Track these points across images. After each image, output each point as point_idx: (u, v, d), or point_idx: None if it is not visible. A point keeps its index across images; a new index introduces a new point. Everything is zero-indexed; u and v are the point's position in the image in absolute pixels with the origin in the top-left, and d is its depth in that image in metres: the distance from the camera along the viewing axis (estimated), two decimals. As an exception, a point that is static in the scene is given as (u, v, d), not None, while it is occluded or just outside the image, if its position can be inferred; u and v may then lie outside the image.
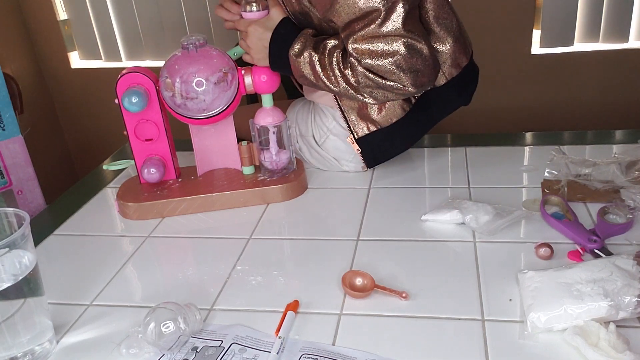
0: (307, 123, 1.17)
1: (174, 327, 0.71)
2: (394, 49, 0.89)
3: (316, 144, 1.16)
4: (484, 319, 0.74)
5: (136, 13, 2.24)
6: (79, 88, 2.43)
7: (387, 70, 0.91)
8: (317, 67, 0.97)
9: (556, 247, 0.85)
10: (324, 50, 0.97)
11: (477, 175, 1.11)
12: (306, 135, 1.17)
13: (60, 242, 1.03)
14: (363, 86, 0.94)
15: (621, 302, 0.69)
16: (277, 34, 1.00)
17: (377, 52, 0.90)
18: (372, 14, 0.88)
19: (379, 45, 0.90)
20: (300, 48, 0.98)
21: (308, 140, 1.17)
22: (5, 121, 1.21)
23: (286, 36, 1.00)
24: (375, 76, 0.92)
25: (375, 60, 0.90)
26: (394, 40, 0.89)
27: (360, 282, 0.82)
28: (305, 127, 1.18)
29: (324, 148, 1.15)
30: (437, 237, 0.93)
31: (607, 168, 1.04)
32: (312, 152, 1.18)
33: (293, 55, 0.98)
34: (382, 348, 0.70)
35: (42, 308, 0.74)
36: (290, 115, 1.21)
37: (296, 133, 1.19)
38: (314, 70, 0.97)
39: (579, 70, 2.06)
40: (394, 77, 0.91)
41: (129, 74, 1.04)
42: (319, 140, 1.15)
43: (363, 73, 0.92)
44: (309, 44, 0.98)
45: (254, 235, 0.99)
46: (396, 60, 0.90)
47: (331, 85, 0.97)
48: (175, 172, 1.14)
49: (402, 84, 0.92)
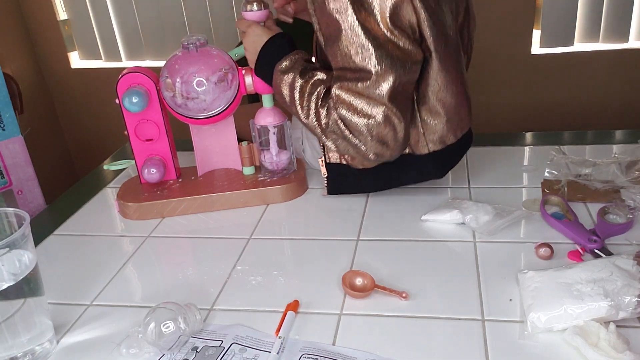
0: None
1: (174, 327, 0.71)
2: (371, 113, 0.89)
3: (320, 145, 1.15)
4: (484, 319, 0.74)
5: (136, 13, 2.24)
6: (79, 88, 2.43)
7: (358, 129, 0.90)
8: (296, 92, 0.95)
9: (556, 247, 0.85)
10: (310, 79, 0.95)
11: (477, 175, 1.11)
12: (313, 137, 1.17)
13: (60, 242, 1.03)
14: (330, 131, 0.93)
15: (621, 302, 0.69)
16: (271, 43, 0.99)
17: (356, 109, 0.89)
18: (365, 73, 0.87)
19: (359, 103, 0.89)
20: (287, 66, 0.97)
21: (313, 143, 1.17)
22: (5, 121, 1.21)
23: (279, 48, 0.99)
24: (345, 128, 0.91)
25: (351, 115, 0.90)
26: (376, 105, 0.88)
27: (360, 282, 0.82)
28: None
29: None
30: (437, 237, 0.93)
31: (607, 168, 1.04)
32: (314, 155, 1.17)
33: (279, 71, 0.97)
34: (382, 348, 0.70)
35: (42, 308, 0.74)
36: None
37: (302, 135, 1.19)
38: (292, 93, 0.96)
39: (579, 70, 2.06)
40: (361, 138, 0.91)
41: (130, 74, 1.04)
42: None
43: (335, 120, 0.92)
44: (297, 67, 0.96)
45: (254, 235, 0.99)
46: (369, 124, 0.89)
47: (302, 114, 0.96)
48: (176, 172, 1.14)
49: (365, 147, 0.92)
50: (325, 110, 0.93)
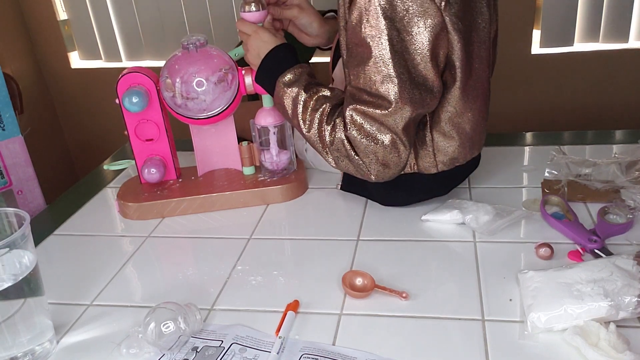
0: None
1: (174, 327, 0.71)
2: (380, 138, 0.89)
3: None
4: (484, 319, 0.74)
5: (136, 13, 2.24)
6: (79, 88, 2.43)
7: (364, 151, 0.91)
8: (299, 106, 0.96)
9: (556, 247, 0.85)
10: (314, 94, 0.96)
11: (477, 175, 1.11)
12: None
13: (60, 242, 1.03)
14: (334, 149, 0.94)
15: (621, 302, 0.69)
16: (276, 52, 0.99)
17: (367, 132, 0.90)
18: (384, 101, 0.88)
19: (371, 127, 0.89)
20: (291, 79, 0.97)
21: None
22: (5, 121, 1.21)
23: (283, 60, 0.99)
24: (350, 148, 0.92)
25: (360, 137, 0.90)
26: (387, 132, 0.89)
27: (360, 282, 0.82)
28: None
29: None
30: (437, 237, 0.93)
31: (607, 168, 1.04)
32: (316, 155, 1.17)
33: (281, 83, 0.97)
34: (382, 348, 0.70)
35: (42, 308, 0.74)
36: None
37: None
38: (294, 107, 0.96)
39: (579, 70, 2.06)
40: (366, 160, 0.91)
41: (130, 74, 1.04)
42: None
43: (341, 139, 0.92)
44: (301, 81, 0.97)
45: (254, 235, 0.99)
46: (377, 148, 0.90)
47: (304, 127, 0.96)
48: (176, 172, 1.14)
49: (367, 169, 0.93)
50: (330, 128, 0.93)
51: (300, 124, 0.96)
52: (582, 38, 2.02)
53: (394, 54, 0.85)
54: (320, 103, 0.95)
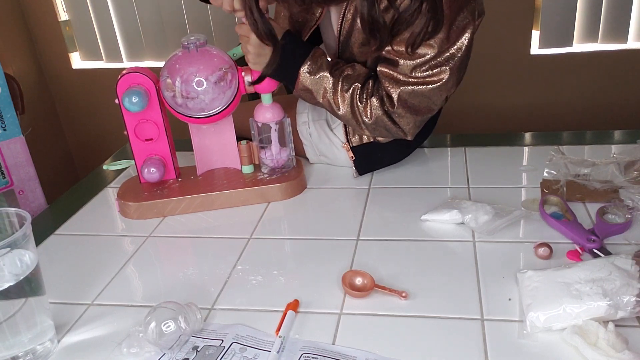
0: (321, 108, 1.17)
1: (175, 327, 0.72)
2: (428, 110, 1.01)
3: (329, 127, 1.16)
4: (483, 319, 0.74)
5: (137, 13, 2.24)
6: (80, 88, 2.44)
7: (406, 121, 1.02)
8: (329, 90, 1.02)
9: (555, 246, 0.85)
10: (339, 75, 1.02)
11: (477, 175, 1.12)
12: (319, 119, 1.17)
13: (61, 241, 1.03)
14: (371, 123, 1.02)
15: (620, 302, 0.69)
16: (285, 46, 1.00)
17: (413, 108, 1.00)
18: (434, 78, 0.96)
19: (420, 103, 0.99)
20: (314, 67, 1.02)
21: (321, 124, 1.17)
22: (7, 121, 1.22)
23: (294, 50, 1.02)
24: (390, 121, 1.01)
25: (405, 111, 0.99)
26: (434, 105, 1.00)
27: (360, 282, 0.82)
28: (318, 111, 1.18)
29: (337, 132, 1.15)
30: (437, 237, 0.94)
31: (606, 168, 1.05)
32: (322, 138, 1.17)
33: (305, 72, 1.02)
34: (382, 347, 0.71)
35: (44, 307, 0.74)
36: (302, 102, 1.21)
37: (308, 119, 1.19)
38: (324, 91, 1.03)
39: (578, 71, 2.06)
40: (406, 127, 1.02)
41: (129, 74, 1.04)
42: (332, 124, 1.16)
43: (380, 116, 1.00)
44: (324, 66, 1.02)
45: (254, 234, 0.99)
46: (418, 117, 1.01)
47: (336, 109, 1.04)
48: (175, 172, 1.14)
49: (404, 133, 1.04)
50: (364, 106, 1.02)
51: (332, 106, 1.03)
52: (581, 38, 2.03)
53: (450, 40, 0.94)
54: (349, 83, 1.02)
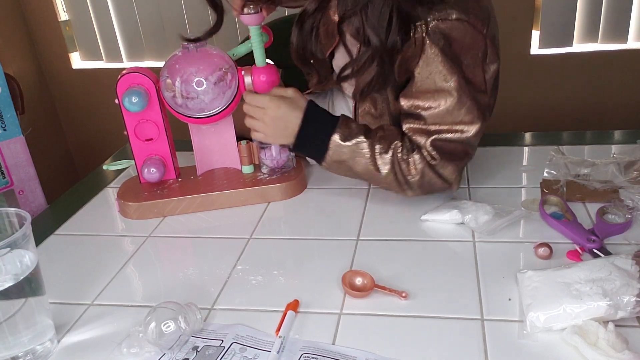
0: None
1: (175, 327, 0.72)
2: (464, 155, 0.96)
3: None
4: (483, 319, 0.74)
5: (137, 13, 2.25)
6: (80, 88, 2.44)
7: (445, 168, 0.95)
8: (366, 155, 0.94)
9: (555, 246, 0.85)
10: (374, 139, 0.95)
11: (477, 175, 1.12)
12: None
13: (61, 241, 1.03)
14: (417, 181, 0.95)
15: (620, 302, 0.69)
16: (311, 116, 0.96)
17: (455, 155, 0.95)
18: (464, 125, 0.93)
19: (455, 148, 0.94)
20: (347, 133, 0.95)
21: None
22: (7, 121, 1.22)
23: (323, 121, 0.97)
24: (433, 174, 0.95)
25: (445, 161, 0.94)
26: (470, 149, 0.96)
27: (360, 282, 0.82)
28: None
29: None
30: (437, 237, 0.94)
31: (605, 168, 1.05)
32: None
33: (335, 143, 0.94)
34: (382, 347, 0.71)
35: (43, 307, 0.74)
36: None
37: None
38: (361, 158, 0.95)
39: (578, 71, 2.06)
40: (451, 178, 0.96)
41: (129, 74, 1.04)
42: None
43: (425, 170, 0.94)
44: (358, 131, 0.95)
45: (254, 234, 0.99)
46: (458, 163, 0.96)
47: (375, 171, 0.95)
48: (175, 172, 1.14)
49: (450, 184, 0.97)
50: (408, 162, 0.94)
51: (371, 172, 0.96)
52: (581, 38, 2.03)
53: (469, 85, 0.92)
54: (386, 145, 0.95)
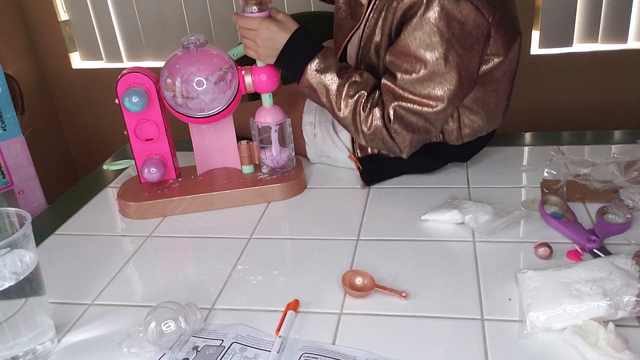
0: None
1: (175, 327, 0.72)
2: (423, 131, 0.98)
3: (334, 130, 1.16)
4: (483, 319, 0.74)
5: (137, 13, 2.24)
6: (80, 88, 2.44)
7: (402, 138, 0.98)
8: (333, 92, 1.00)
9: (555, 246, 0.85)
10: (347, 80, 0.99)
11: (477, 175, 1.12)
12: (325, 121, 1.18)
13: (61, 241, 1.03)
14: (369, 134, 0.99)
15: (620, 302, 0.69)
16: (295, 39, 0.99)
17: (410, 126, 0.97)
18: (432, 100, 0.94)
19: (417, 123, 0.97)
20: (323, 66, 1.00)
21: (326, 126, 1.17)
22: (7, 121, 1.21)
23: (306, 46, 1.01)
24: (387, 135, 0.98)
25: (401, 129, 0.97)
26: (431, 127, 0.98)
27: (360, 282, 0.82)
28: (325, 114, 1.18)
29: (341, 135, 1.15)
30: (437, 237, 0.94)
31: (606, 168, 1.05)
32: (325, 139, 1.17)
33: (313, 70, 1.00)
34: (382, 347, 0.71)
35: (44, 307, 0.74)
36: (309, 103, 1.21)
37: (314, 120, 1.19)
38: (327, 92, 1.00)
39: (578, 71, 2.06)
40: (402, 144, 1.00)
41: (129, 74, 1.04)
42: (337, 127, 1.16)
43: (379, 128, 0.98)
44: (332, 67, 1.00)
45: (254, 234, 0.99)
46: (415, 137, 0.98)
47: (338, 111, 1.01)
48: (175, 172, 1.14)
49: (400, 150, 1.01)
50: (366, 115, 0.99)
51: (334, 108, 1.01)
52: (581, 39, 2.02)
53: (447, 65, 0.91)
54: (354, 90, 0.99)
